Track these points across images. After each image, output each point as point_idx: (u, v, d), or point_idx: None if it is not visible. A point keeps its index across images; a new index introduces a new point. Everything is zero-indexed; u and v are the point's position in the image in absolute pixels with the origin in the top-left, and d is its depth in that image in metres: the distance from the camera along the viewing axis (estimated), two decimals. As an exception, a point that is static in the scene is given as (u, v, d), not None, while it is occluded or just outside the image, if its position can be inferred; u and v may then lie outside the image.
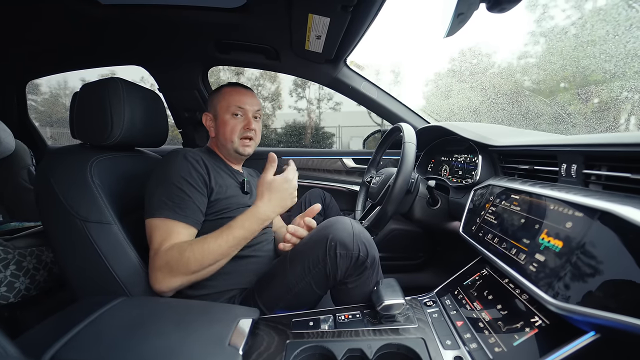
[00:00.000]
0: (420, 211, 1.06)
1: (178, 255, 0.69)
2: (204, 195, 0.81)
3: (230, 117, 0.92)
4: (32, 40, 1.23)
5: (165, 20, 1.08)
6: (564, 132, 1.60)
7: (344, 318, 0.67)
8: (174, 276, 0.70)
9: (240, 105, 0.92)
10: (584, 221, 0.47)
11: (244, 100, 0.93)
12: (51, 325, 0.56)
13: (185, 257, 0.69)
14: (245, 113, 0.93)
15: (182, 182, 0.77)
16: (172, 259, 0.69)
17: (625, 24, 1.62)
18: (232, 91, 0.94)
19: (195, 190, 0.79)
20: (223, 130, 0.92)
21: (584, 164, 0.57)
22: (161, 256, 0.70)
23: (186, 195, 0.77)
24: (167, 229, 0.73)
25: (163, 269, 0.69)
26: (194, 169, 0.80)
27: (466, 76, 5.35)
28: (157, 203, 0.75)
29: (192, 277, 0.71)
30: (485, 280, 0.70)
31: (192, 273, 0.71)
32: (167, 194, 0.76)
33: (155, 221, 0.74)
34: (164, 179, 0.78)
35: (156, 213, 0.74)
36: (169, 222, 0.74)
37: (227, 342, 0.51)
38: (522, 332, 0.50)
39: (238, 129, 0.92)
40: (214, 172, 0.86)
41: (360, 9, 0.86)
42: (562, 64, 2.31)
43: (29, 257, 0.99)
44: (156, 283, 0.70)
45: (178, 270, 0.69)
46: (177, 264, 0.69)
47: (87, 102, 0.81)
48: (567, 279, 0.44)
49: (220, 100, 0.94)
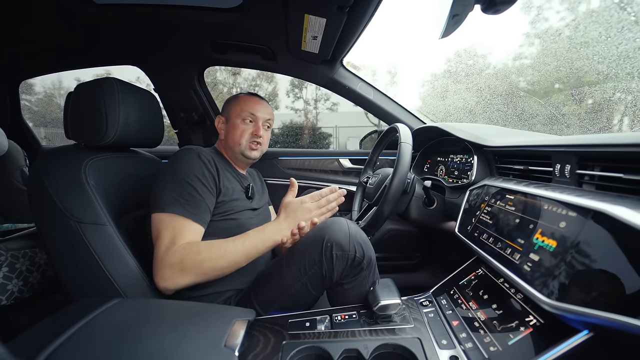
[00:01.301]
0: (416, 211, 1.06)
1: (194, 255, 0.70)
2: (213, 196, 0.82)
3: (240, 121, 0.95)
4: (25, 39, 1.21)
5: (160, 20, 1.08)
6: (559, 133, 1.62)
7: (341, 318, 0.67)
8: (184, 275, 0.69)
9: (252, 112, 0.95)
10: (578, 221, 0.47)
11: (256, 107, 0.96)
12: (45, 327, 0.55)
13: (201, 257, 0.70)
14: (256, 120, 0.96)
15: (195, 181, 0.78)
16: (187, 257, 0.69)
17: (617, 26, 1.64)
18: (247, 98, 0.98)
19: (207, 189, 0.79)
20: (233, 133, 0.95)
21: (578, 164, 0.58)
22: (175, 253, 0.70)
23: (197, 194, 0.77)
24: (177, 225, 0.73)
25: (175, 266, 0.69)
26: (207, 168, 0.81)
27: (462, 77, 5.39)
28: (167, 198, 0.75)
29: (200, 279, 0.72)
30: (480, 280, 0.71)
31: (202, 274, 0.71)
32: (179, 191, 0.76)
33: (164, 216, 0.74)
34: (176, 175, 0.78)
35: (166, 208, 0.74)
36: (179, 219, 0.74)
37: (223, 344, 0.51)
38: (517, 332, 0.51)
39: (247, 133, 0.95)
40: (223, 173, 0.87)
41: (356, 9, 0.86)
42: (557, 65, 2.34)
43: (22, 259, 0.98)
44: (163, 280, 0.69)
45: (190, 270, 0.69)
46: (192, 263, 0.69)
47: (81, 102, 0.80)
48: (561, 278, 0.45)
49: (234, 105, 0.97)
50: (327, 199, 0.83)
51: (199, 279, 0.72)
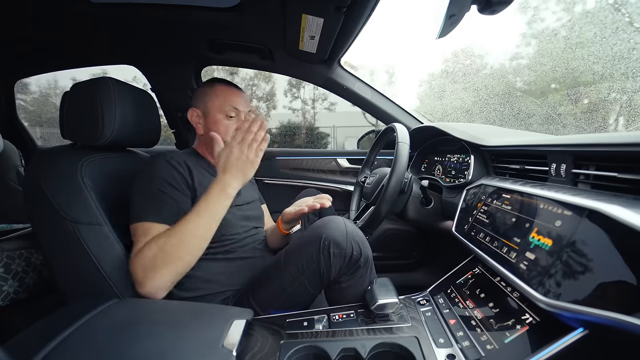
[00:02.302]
0: (413, 211, 1.06)
1: (156, 248, 0.67)
2: (187, 197, 0.79)
3: (223, 117, 0.89)
4: (20, 38, 1.20)
5: (157, 19, 1.07)
6: (555, 133, 1.63)
7: (338, 318, 0.67)
8: (157, 271, 0.66)
9: (236, 106, 0.89)
10: (573, 220, 0.47)
11: (238, 101, 0.90)
12: (41, 328, 0.55)
13: (164, 247, 0.67)
14: (239, 115, 0.90)
15: (163, 184, 0.76)
16: (150, 254, 0.67)
17: (611, 27, 1.65)
18: (225, 90, 0.91)
19: (176, 190, 0.77)
20: (215, 129, 0.88)
21: (573, 163, 0.58)
22: (139, 255, 0.68)
23: (166, 197, 0.75)
24: (144, 231, 0.71)
25: (144, 267, 0.66)
26: (176, 170, 0.79)
27: (459, 77, 5.41)
28: (137, 208, 0.74)
29: (176, 269, 0.68)
30: (477, 278, 0.71)
31: (174, 262, 0.67)
32: (146, 198, 0.75)
33: (137, 226, 0.73)
34: (144, 183, 0.77)
35: (139, 217, 0.73)
36: (146, 225, 0.72)
37: (220, 344, 0.51)
38: (513, 330, 0.51)
39: (231, 129, 0.89)
40: (197, 173, 0.84)
41: (353, 9, 0.86)
42: (553, 65, 2.36)
43: (17, 260, 0.97)
44: (141, 285, 0.67)
45: (161, 264, 0.66)
46: (157, 256, 0.66)
47: (77, 101, 0.80)
48: (556, 276, 0.45)
49: (212, 97, 0.90)
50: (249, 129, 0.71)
51: (177, 270, 0.68)
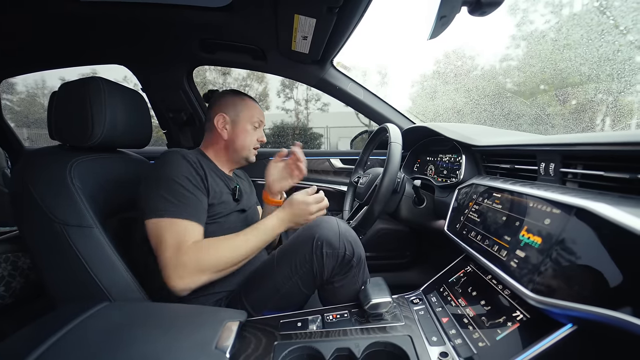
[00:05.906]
0: (406, 210, 1.07)
1: (208, 252, 0.71)
2: (205, 196, 0.81)
3: (251, 127, 0.97)
4: (6, 36, 1.18)
5: (147, 19, 1.06)
6: (544, 132, 1.66)
7: (332, 318, 0.67)
8: (202, 273, 0.69)
9: (262, 120, 1.00)
10: (561, 218, 0.48)
11: (262, 115, 1.01)
12: (29, 333, 0.53)
13: (216, 254, 0.71)
14: (261, 127, 1.01)
15: (185, 181, 0.76)
16: (202, 255, 0.69)
17: (597, 29, 1.69)
18: (254, 104, 1.00)
19: (198, 189, 0.78)
20: (243, 137, 0.95)
21: (561, 162, 0.60)
22: (188, 253, 0.68)
23: (191, 194, 0.76)
24: (178, 229, 0.71)
25: (191, 265, 0.68)
26: (194, 169, 0.80)
27: (451, 78, 5.47)
28: (162, 203, 0.73)
29: (215, 276, 0.72)
30: (469, 277, 0.72)
31: (219, 271, 0.72)
32: (172, 193, 0.74)
33: (163, 222, 0.71)
34: (164, 178, 0.76)
35: (164, 213, 0.72)
36: (179, 222, 0.72)
37: (213, 346, 0.51)
38: (505, 327, 0.52)
39: (254, 139, 0.98)
40: (210, 176, 0.85)
41: (346, 10, 0.87)
42: (541, 67, 2.40)
43: (4, 264, 0.95)
44: (181, 280, 0.67)
45: (208, 267, 0.70)
46: (208, 260, 0.70)
47: (66, 102, 0.78)
48: (545, 273, 0.46)
49: (244, 108, 0.96)
50: (325, 203, 0.88)
51: (215, 276, 0.72)
